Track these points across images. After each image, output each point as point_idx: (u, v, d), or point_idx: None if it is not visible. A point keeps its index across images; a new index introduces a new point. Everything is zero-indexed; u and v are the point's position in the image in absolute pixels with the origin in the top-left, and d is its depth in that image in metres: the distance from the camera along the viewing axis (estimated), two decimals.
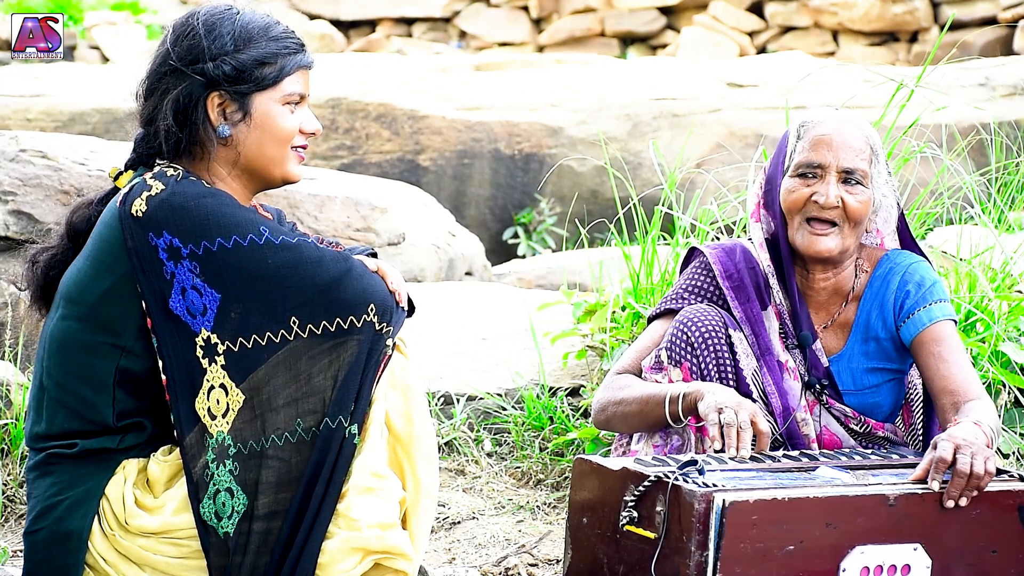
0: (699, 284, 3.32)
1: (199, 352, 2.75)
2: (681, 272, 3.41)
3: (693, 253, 3.40)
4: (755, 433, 3.01)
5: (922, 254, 3.35)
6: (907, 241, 3.37)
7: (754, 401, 3.20)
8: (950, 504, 2.78)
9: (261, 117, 2.84)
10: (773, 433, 3.22)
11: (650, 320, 3.38)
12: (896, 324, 3.24)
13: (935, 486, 2.79)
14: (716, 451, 2.98)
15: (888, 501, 2.75)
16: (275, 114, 2.85)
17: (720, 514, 2.64)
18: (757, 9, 15.06)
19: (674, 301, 3.32)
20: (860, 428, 3.26)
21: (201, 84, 2.81)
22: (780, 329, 3.27)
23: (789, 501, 2.69)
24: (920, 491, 2.78)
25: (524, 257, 9.02)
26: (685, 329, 3.21)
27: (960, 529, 2.79)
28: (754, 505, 2.67)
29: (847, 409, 3.25)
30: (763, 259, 3.29)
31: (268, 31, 2.86)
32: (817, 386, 3.24)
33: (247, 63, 2.82)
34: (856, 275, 3.31)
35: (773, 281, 3.27)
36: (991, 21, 13.42)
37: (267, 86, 2.84)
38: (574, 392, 4.46)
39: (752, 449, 3.00)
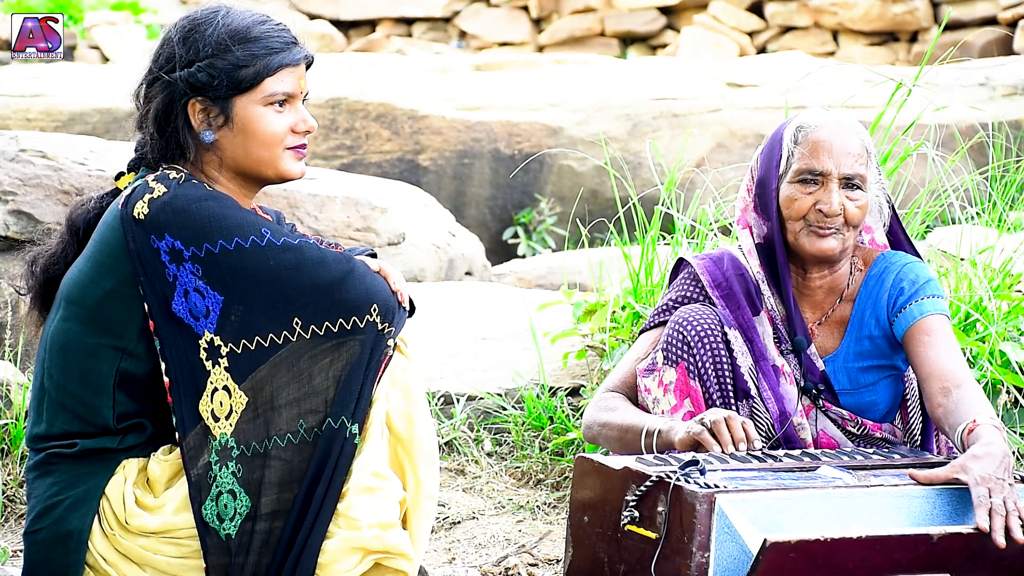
0: (688, 294, 3.32)
1: (202, 354, 2.75)
2: (669, 283, 3.40)
3: (681, 264, 3.40)
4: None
5: (916, 253, 3.35)
6: (902, 240, 3.37)
7: (752, 398, 3.20)
8: (1002, 542, 2.71)
9: (242, 121, 2.83)
10: (772, 436, 3.21)
11: (640, 333, 3.38)
12: (889, 320, 3.25)
13: (984, 526, 2.73)
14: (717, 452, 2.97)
15: (931, 540, 2.70)
16: (256, 117, 2.83)
17: (759, 551, 2.59)
18: (757, 9, 15.06)
19: (664, 313, 3.32)
20: (857, 430, 3.26)
21: (180, 91, 2.80)
22: (774, 334, 3.27)
23: (832, 542, 2.63)
24: (965, 531, 2.73)
25: (524, 257, 9.02)
26: (681, 329, 3.21)
27: (990, 559, 2.76)
28: (795, 545, 2.60)
29: (844, 412, 3.25)
30: (753, 265, 3.29)
31: (248, 32, 2.82)
32: (813, 391, 3.24)
33: (222, 68, 2.80)
34: (851, 273, 3.31)
35: (764, 287, 3.27)
36: (991, 21, 13.42)
37: (245, 89, 2.81)
38: (574, 392, 4.46)
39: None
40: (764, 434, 3.21)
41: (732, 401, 3.20)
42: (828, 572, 2.65)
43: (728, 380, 3.20)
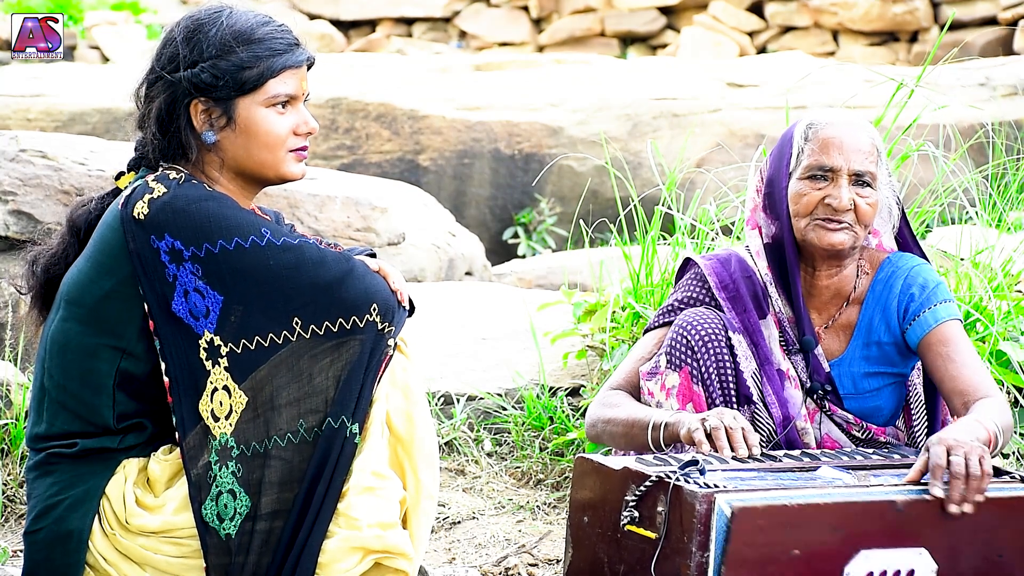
0: (694, 295, 3.31)
1: (202, 354, 2.75)
2: (676, 283, 3.40)
3: (687, 264, 3.39)
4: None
5: (923, 255, 3.34)
6: (909, 242, 3.37)
7: (754, 403, 3.20)
8: (954, 509, 2.75)
9: (245, 122, 2.82)
10: (772, 438, 3.21)
11: (645, 332, 3.37)
12: (901, 328, 3.24)
13: (937, 492, 2.75)
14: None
15: (896, 507, 2.74)
16: (259, 119, 2.82)
17: (728, 520, 2.62)
18: (757, 9, 15.06)
19: (669, 314, 3.31)
20: (862, 434, 3.25)
21: (183, 91, 2.80)
22: (780, 337, 3.26)
23: (798, 507, 2.66)
24: (929, 497, 2.76)
25: (524, 257, 9.02)
26: (684, 333, 3.21)
27: (966, 533, 2.77)
28: (762, 511, 2.64)
29: (849, 416, 3.24)
30: (761, 267, 3.28)
31: (252, 33, 2.82)
32: (819, 392, 3.23)
33: (226, 69, 2.80)
34: (857, 276, 3.30)
35: (772, 289, 3.27)
36: (991, 21, 13.42)
37: (249, 90, 2.81)
38: (574, 392, 4.46)
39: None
40: (766, 439, 3.21)
41: (735, 406, 3.19)
42: (801, 546, 2.67)
43: (731, 385, 3.19)
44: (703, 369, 3.18)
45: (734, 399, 3.19)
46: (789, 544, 2.67)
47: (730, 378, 3.19)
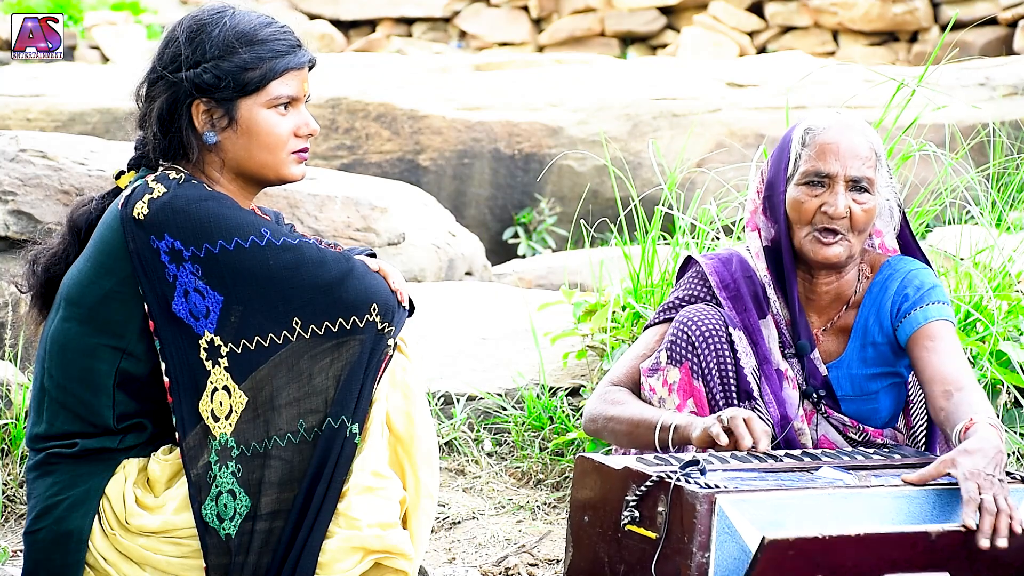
0: (695, 294, 3.31)
1: (202, 354, 2.75)
2: (677, 282, 3.40)
3: (689, 263, 3.39)
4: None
5: (925, 258, 3.33)
6: (910, 245, 3.36)
7: (754, 399, 3.20)
8: (984, 544, 2.72)
9: (247, 124, 2.82)
10: (773, 439, 3.21)
11: (646, 329, 3.37)
12: (893, 325, 3.24)
13: (971, 523, 2.72)
14: (726, 449, 2.96)
15: (930, 538, 2.71)
16: (261, 120, 2.82)
17: (757, 551, 2.60)
18: (757, 9, 15.06)
19: (670, 311, 3.31)
20: (858, 436, 3.25)
21: (185, 92, 2.80)
22: (779, 338, 3.26)
23: (830, 540, 2.63)
24: (963, 528, 2.73)
25: (524, 257, 9.02)
26: (685, 328, 3.21)
27: (988, 557, 2.76)
28: (793, 543, 2.61)
29: (845, 418, 3.24)
30: (760, 268, 3.28)
31: (255, 34, 2.81)
32: (815, 395, 3.23)
33: (228, 70, 2.79)
34: (858, 280, 3.30)
35: (771, 291, 3.27)
36: (991, 21, 13.42)
37: (251, 91, 2.81)
38: (574, 392, 4.46)
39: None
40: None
41: (735, 401, 3.20)
42: (826, 571, 2.65)
43: (731, 380, 3.19)
44: (704, 364, 3.18)
45: (734, 394, 3.19)
46: (815, 569, 2.64)
47: (730, 373, 3.19)
